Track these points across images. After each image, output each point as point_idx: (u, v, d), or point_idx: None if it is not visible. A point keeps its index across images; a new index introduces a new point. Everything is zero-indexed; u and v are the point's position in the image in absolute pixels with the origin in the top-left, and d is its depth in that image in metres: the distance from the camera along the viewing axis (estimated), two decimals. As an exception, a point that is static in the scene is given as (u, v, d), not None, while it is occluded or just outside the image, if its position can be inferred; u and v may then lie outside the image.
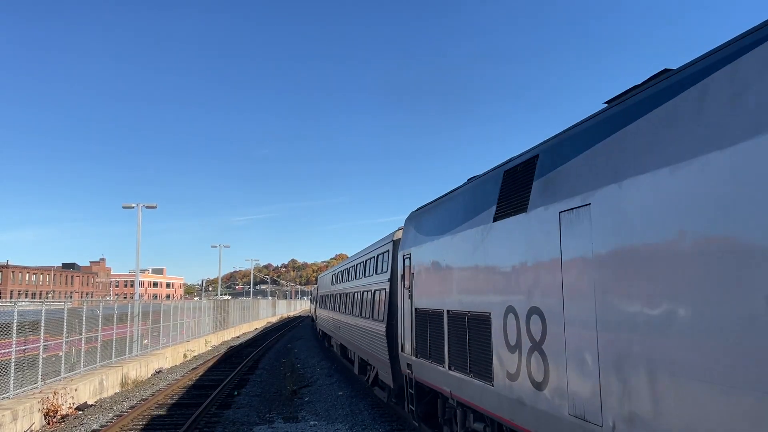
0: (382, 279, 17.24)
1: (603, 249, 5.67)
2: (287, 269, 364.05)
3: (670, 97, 5.12)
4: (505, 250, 7.86)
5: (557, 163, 6.83)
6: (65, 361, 19.80)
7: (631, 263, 5.26)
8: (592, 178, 6.00)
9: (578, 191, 6.19)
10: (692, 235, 4.57)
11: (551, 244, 6.61)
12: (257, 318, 77.05)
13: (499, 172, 8.60)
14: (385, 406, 18.19)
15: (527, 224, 7.24)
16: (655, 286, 4.94)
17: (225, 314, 53.05)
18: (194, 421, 16.17)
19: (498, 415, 7.99)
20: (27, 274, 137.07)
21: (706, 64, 4.85)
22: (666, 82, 5.32)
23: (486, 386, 8.34)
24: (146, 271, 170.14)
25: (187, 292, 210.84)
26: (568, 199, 6.36)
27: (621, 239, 5.41)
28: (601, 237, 5.70)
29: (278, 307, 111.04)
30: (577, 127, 6.85)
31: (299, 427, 15.83)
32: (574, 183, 6.32)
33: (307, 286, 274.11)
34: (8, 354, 16.34)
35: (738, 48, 4.54)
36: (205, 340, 41.44)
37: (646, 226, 5.09)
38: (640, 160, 5.28)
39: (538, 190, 7.13)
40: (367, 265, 20.68)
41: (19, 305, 17.77)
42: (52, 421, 16.50)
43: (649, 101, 5.43)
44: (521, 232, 7.40)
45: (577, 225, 6.13)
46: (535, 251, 7.00)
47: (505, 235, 7.89)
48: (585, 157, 6.26)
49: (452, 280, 9.95)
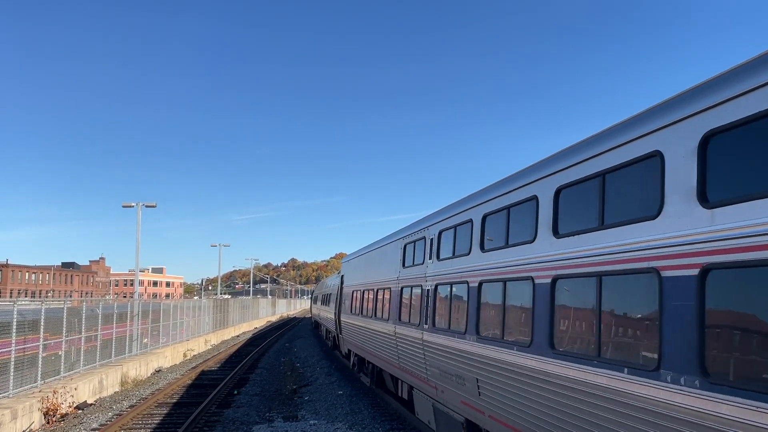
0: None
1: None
2: (287, 268, 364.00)
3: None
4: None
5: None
6: (65, 360, 19.77)
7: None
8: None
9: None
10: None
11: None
12: (257, 317, 77.02)
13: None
14: (385, 405, 18.15)
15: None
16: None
17: (225, 313, 53.01)
18: (194, 420, 16.15)
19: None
20: (26, 273, 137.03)
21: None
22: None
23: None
24: (146, 270, 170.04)
25: (187, 291, 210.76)
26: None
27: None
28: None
29: (278, 307, 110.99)
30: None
31: (299, 426, 15.81)
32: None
33: (307, 285, 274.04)
34: (8, 353, 16.32)
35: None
36: (204, 339, 41.43)
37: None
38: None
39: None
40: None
41: (19, 304, 17.75)
42: (52, 420, 16.48)
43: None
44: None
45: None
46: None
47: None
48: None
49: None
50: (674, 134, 5.76)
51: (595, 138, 7.28)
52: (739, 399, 4.77)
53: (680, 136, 5.67)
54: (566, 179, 7.59)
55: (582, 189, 7.28)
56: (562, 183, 7.70)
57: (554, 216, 7.83)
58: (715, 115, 5.29)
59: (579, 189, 7.35)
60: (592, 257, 6.82)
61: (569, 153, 7.79)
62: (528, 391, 8.00)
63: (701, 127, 5.43)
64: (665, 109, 6.06)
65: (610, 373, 6.24)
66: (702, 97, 5.52)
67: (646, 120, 6.29)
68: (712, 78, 5.59)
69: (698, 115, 5.49)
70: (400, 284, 15.38)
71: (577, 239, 7.20)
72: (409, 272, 14.63)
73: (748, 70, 5.14)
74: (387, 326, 16.26)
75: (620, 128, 6.76)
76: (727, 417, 4.86)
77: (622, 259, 6.29)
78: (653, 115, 6.22)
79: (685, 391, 5.29)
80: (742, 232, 4.91)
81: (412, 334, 13.70)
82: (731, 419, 4.82)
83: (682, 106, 5.77)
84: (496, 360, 8.98)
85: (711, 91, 5.43)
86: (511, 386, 8.51)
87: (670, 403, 5.44)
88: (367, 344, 19.64)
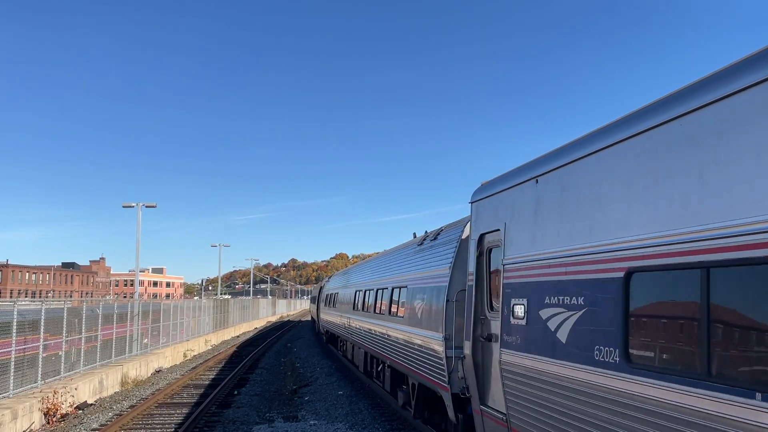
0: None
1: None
2: (287, 269, 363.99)
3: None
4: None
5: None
6: (65, 360, 19.77)
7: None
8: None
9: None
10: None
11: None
12: (257, 317, 77.00)
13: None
14: (385, 405, 18.16)
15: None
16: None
17: (225, 314, 53.01)
18: (194, 420, 16.16)
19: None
20: (27, 273, 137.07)
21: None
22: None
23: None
24: (146, 271, 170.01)
25: (187, 292, 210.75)
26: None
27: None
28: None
29: (278, 307, 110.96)
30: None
31: (299, 426, 15.81)
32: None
33: (307, 285, 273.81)
34: (8, 353, 16.32)
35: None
36: (205, 339, 41.43)
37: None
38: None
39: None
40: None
41: (19, 304, 17.75)
42: (52, 420, 16.49)
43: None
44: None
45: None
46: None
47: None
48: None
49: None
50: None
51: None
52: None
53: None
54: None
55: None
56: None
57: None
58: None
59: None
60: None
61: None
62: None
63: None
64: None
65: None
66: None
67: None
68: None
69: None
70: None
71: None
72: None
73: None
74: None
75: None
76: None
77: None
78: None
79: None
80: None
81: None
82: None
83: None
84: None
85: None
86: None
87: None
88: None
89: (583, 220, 6.68)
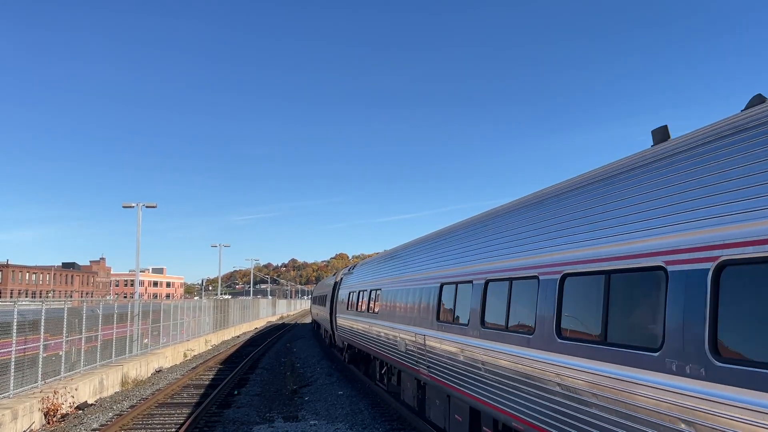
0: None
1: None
2: (287, 269, 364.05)
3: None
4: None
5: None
6: (65, 360, 19.78)
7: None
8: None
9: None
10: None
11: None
12: (257, 318, 77.01)
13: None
14: (385, 405, 18.16)
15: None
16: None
17: (225, 314, 53.03)
18: (194, 420, 16.16)
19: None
20: (27, 273, 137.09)
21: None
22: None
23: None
24: (146, 271, 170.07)
25: (187, 292, 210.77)
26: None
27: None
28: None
29: (278, 307, 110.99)
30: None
31: (299, 426, 15.82)
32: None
33: (308, 285, 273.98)
34: (8, 353, 16.33)
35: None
36: (205, 339, 41.44)
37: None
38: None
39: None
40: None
41: (19, 304, 17.76)
42: (52, 420, 16.49)
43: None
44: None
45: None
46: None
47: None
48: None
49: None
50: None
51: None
52: None
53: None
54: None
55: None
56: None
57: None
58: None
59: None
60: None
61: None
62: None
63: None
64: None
65: None
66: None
67: None
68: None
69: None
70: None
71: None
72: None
73: None
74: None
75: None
76: None
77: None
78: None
79: None
80: None
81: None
82: None
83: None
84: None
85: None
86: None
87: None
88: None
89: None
